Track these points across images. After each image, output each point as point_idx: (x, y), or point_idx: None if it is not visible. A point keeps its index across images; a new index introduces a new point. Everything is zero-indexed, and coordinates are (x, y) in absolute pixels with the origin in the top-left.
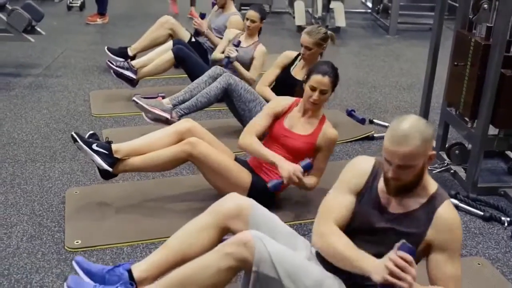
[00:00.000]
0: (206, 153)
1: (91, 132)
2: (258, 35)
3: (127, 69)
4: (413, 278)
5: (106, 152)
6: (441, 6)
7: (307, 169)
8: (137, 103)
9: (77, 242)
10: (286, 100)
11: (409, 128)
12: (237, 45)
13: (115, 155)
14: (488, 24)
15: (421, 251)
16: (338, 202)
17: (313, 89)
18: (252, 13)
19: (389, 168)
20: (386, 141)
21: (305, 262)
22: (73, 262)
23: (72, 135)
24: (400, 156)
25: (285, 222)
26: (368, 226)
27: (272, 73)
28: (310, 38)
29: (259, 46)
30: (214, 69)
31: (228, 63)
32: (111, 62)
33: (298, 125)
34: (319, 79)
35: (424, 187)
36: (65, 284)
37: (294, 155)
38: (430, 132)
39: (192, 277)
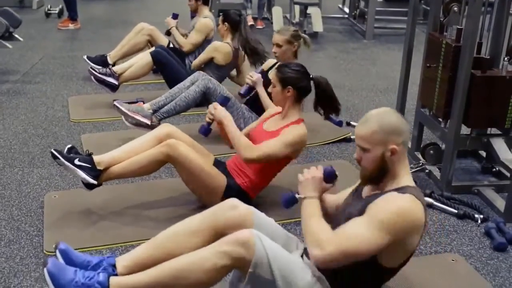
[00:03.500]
0: (185, 155)
1: (68, 146)
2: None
3: (109, 75)
4: (312, 176)
5: (89, 166)
6: (413, 10)
7: (223, 102)
8: (118, 108)
9: None
10: (274, 109)
11: (373, 113)
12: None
13: (98, 167)
14: (458, 27)
15: None
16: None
17: None
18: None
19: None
20: None
21: (300, 264)
22: (57, 251)
23: (51, 153)
24: (358, 136)
25: None
26: (342, 212)
27: None
28: (280, 35)
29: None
30: (197, 75)
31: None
32: (94, 69)
33: (272, 125)
34: (272, 72)
35: (396, 181)
36: (45, 269)
37: None
38: (393, 125)
39: (186, 270)
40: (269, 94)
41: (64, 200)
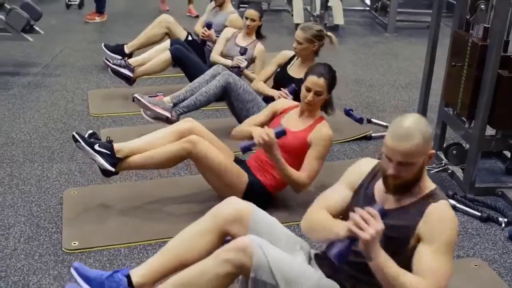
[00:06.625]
0: (206, 151)
1: (90, 131)
2: (257, 34)
3: (124, 67)
4: (376, 232)
5: (109, 153)
6: (438, 6)
7: (279, 135)
8: (139, 100)
9: (74, 243)
10: (288, 101)
11: (411, 126)
12: (244, 53)
13: (118, 155)
14: (485, 25)
15: (413, 246)
16: (334, 192)
17: (308, 89)
18: (252, 12)
19: (390, 165)
20: (388, 138)
21: (303, 267)
22: (72, 269)
23: (73, 136)
24: (401, 153)
25: (282, 223)
26: None
27: (269, 70)
28: (302, 33)
29: (258, 45)
30: (216, 68)
31: (238, 73)
32: (108, 60)
33: (293, 124)
34: (315, 81)
35: (421, 187)
36: None
37: (287, 152)
38: (430, 131)
39: (191, 283)
40: (296, 97)
41: (83, 197)
